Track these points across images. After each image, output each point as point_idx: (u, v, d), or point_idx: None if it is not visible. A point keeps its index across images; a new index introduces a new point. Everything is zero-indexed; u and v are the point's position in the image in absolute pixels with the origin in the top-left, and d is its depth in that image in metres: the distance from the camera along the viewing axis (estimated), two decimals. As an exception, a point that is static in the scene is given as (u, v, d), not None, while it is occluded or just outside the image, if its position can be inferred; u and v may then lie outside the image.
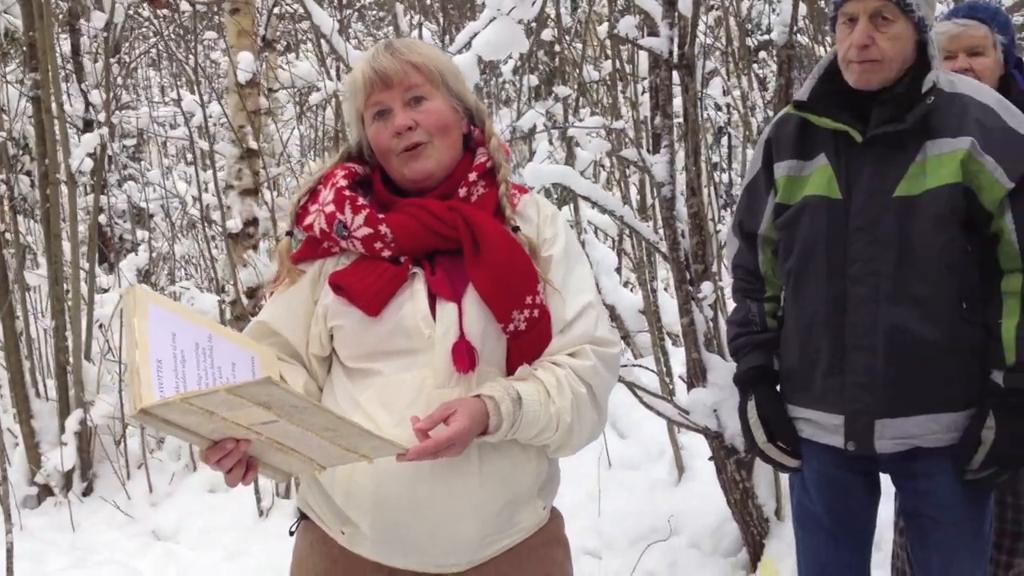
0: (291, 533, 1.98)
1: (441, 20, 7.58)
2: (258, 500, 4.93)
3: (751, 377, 2.51)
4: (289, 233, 1.93)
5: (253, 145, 5.83)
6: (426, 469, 1.72)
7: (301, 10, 5.36)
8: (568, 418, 1.77)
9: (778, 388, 2.51)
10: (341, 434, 1.58)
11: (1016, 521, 2.89)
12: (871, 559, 2.57)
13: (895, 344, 2.25)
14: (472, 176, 1.87)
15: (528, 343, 1.80)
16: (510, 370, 1.81)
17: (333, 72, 6.01)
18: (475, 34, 3.87)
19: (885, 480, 2.58)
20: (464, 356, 1.75)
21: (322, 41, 5.32)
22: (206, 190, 5.78)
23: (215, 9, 6.55)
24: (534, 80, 6.88)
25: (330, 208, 1.83)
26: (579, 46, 6.10)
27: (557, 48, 6.23)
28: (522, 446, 1.81)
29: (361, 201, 1.82)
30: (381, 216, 1.81)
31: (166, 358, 1.57)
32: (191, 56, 6.44)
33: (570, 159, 5.53)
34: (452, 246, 1.81)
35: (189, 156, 7.92)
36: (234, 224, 5.77)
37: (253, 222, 6.12)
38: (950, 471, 2.30)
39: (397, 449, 1.63)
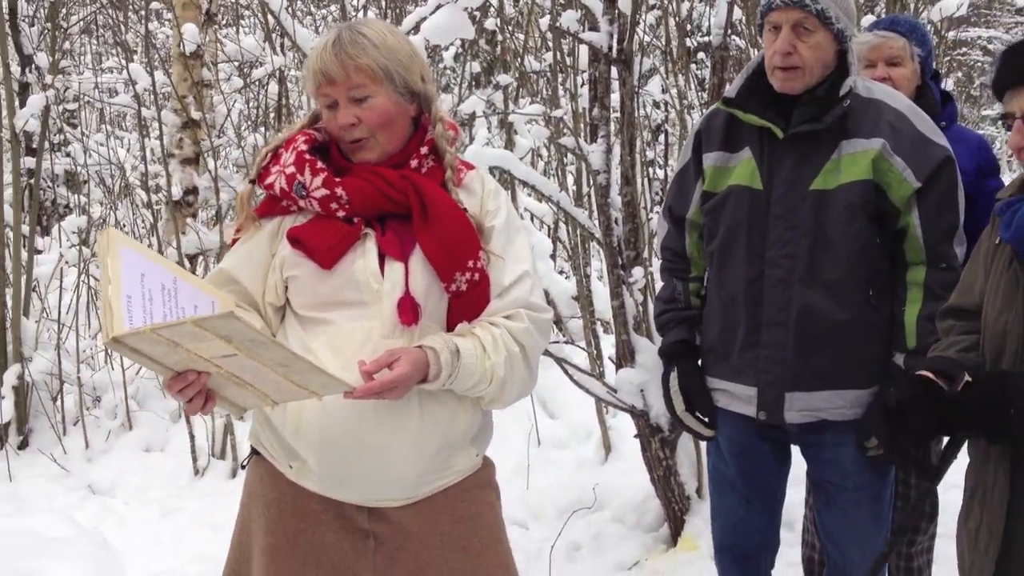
0: (243, 467, 2.13)
1: (383, 3, 7.64)
2: (194, 459, 5.01)
3: (674, 350, 2.69)
4: (252, 182, 2.06)
5: (195, 115, 5.85)
6: (370, 410, 1.88)
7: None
8: (501, 373, 1.95)
9: (699, 362, 2.69)
10: (294, 370, 1.72)
11: (919, 499, 3.07)
12: (780, 521, 2.77)
13: (806, 323, 2.44)
14: (424, 150, 2.02)
15: (468, 303, 1.97)
16: (450, 327, 1.98)
17: (279, 47, 6.06)
18: (422, 19, 3.99)
19: (797, 465, 2.77)
20: (408, 310, 1.92)
21: (268, 17, 5.39)
22: (147, 158, 5.80)
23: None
24: (476, 67, 7.01)
25: (291, 169, 1.97)
26: (521, 37, 6.23)
27: (499, 37, 6.35)
28: (459, 396, 1.98)
29: (320, 165, 1.96)
30: (338, 180, 1.96)
31: (135, 295, 1.71)
32: (132, 25, 6.42)
33: (509, 146, 5.67)
34: (402, 211, 1.97)
35: (125, 123, 7.87)
36: (175, 192, 5.81)
37: (193, 191, 6.16)
38: (853, 443, 2.50)
39: (344, 387, 1.78)
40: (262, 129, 6.47)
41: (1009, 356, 1.93)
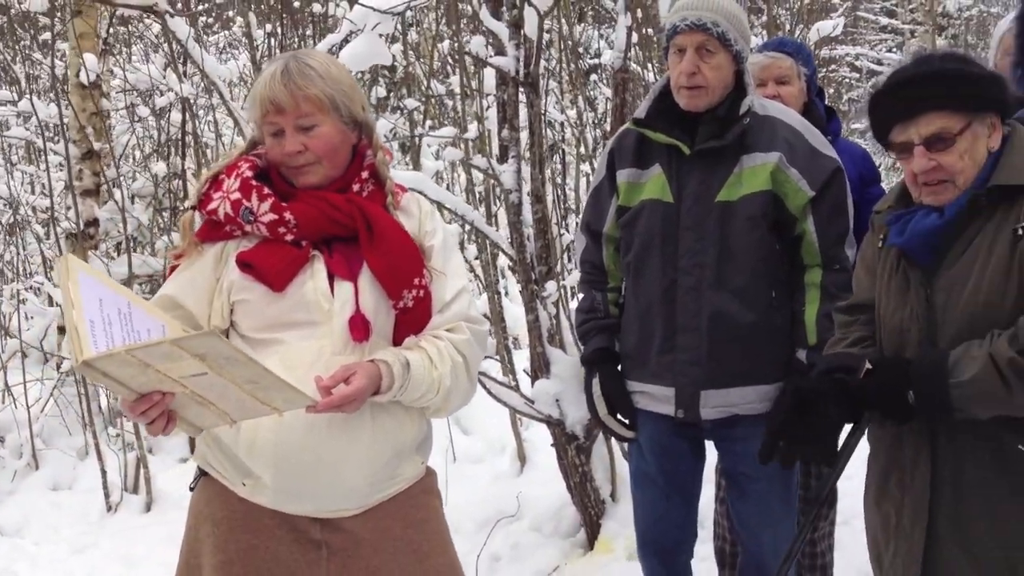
0: (191, 489, 2.17)
1: (279, 30, 7.67)
2: (106, 495, 4.94)
3: (596, 357, 2.84)
4: (193, 208, 2.11)
5: (96, 146, 5.79)
6: (323, 425, 1.97)
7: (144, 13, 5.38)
8: (448, 383, 2.07)
9: (619, 367, 2.85)
10: (262, 386, 1.79)
11: (819, 488, 3.28)
12: (697, 514, 2.94)
13: (716, 326, 2.62)
14: (364, 174, 2.12)
15: (413, 319, 2.08)
16: (396, 342, 2.09)
17: (183, 74, 6.04)
18: (334, 45, 4.08)
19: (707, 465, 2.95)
20: (360, 327, 2.01)
21: (173, 45, 5.38)
22: (52, 192, 5.71)
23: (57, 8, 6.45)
24: (381, 91, 7.10)
25: (236, 195, 2.03)
26: (424, 61, 6.36)
27: (403, 62, 6.47)
28: (406, 407, 2.08)
29: (267, 191, 2.04)
30: (284, 204, 2.04)
31: (96, 319, 1.75)
32: (23, 56, 6.31)
33: (416, 169, 5.78)
34: (347, 233, 2.06)
35: (11, 156, 7.68)
36: (68, 226, 5.73)
37: (93, 222, 6.08)
38: (763, 434, 2.68)
39: (308, 401, 1.86)
40: (170, 158, 6.42)
41: (912, 349, 2.13)
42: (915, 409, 2.06)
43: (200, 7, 7.18)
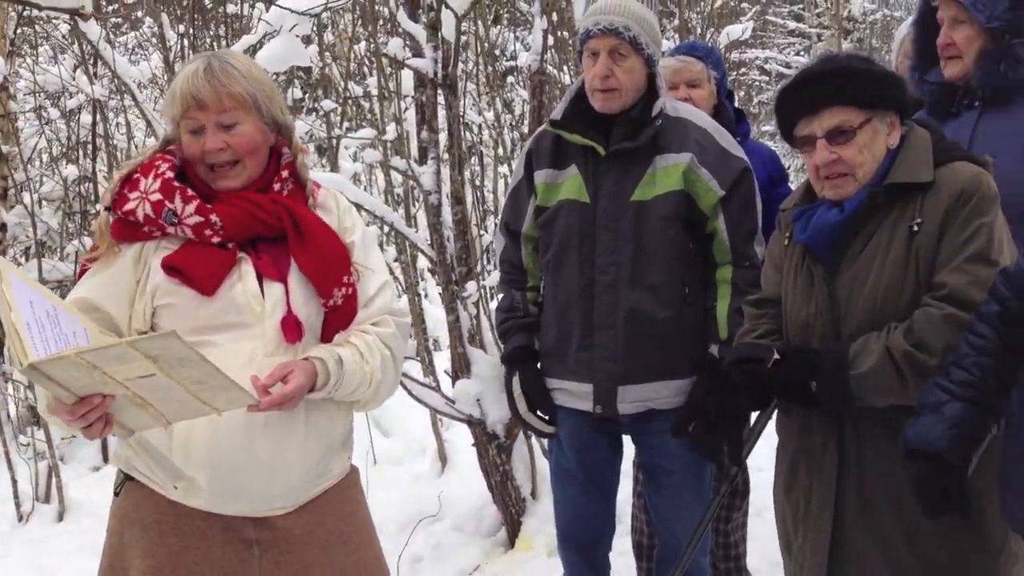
0: (116, 494, 2.13)
1: (191, 30, 7.57)
2: (17, 505, 4.81)
3: (516, 355, 2.89)
4: (107, 209, 2.06)
5: (4, 149, 5.64)
6: (259, 425, 1.97)
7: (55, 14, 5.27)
8: (378, 376, 2.10)
9: (539, 365, 2.89)
10: (208, 386, 1.78)
11: (722, 476, 3.37)
12: (616, 508, 3.00)
13: (632, 322, 2.68)
14: (285, 174, 2.13)
15: (342, 316, 2.10)
16: (325, 339, 2.09)
17: (87, 77, 5.92)
18: (250, 47, 4.06)
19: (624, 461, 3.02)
20: (293, 328, 2.02)
21: (84, 46, 5.28)
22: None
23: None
24: (297, 93, 7.06)
25: (156, 196, 2.00)
26: (342, 63, 6.33)
27: (319, 63, 6.44)
28: (336, 403, 2.09)
29: (190, 192, 2.02)
30: (210, 206, 2.02)
31: (31, 322, 1.72)
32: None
33: (334, 171, 5.76)
34: (273, 233, 2.06)
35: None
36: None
37: (1, 227, 5.92)
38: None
39: (251, 400, 1.86)
40: (80, 160, 6.28)
41: (816, 343, 2.22)
42: (818, 398, 2.16)
43: (111, 8, 7.02)
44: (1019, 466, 1.87)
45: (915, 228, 2.12)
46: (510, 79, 8.89)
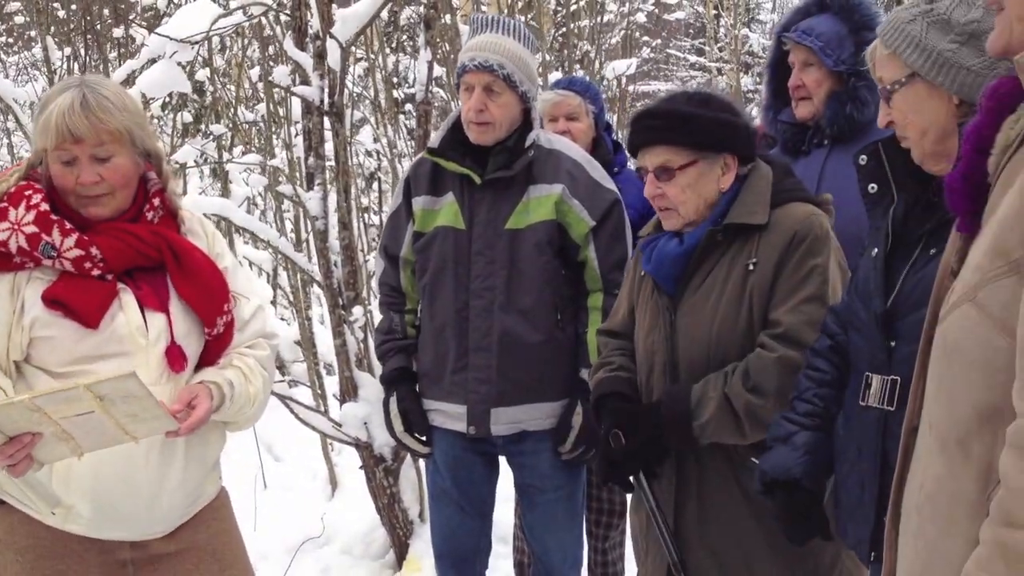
0: None
1: (82, 52, 7.47)
2: None
3: (394, 377, 2.95)
4: None
5: None
6: (141, 454, 2.01)
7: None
8: (262, 396, 2.18)
9: (416, 386, 2.96)
10: (139, 418, 1.83)
11: (610, 500, 3.46)
12: (492, 527, 3.08)
13: (505, 346, 2.77)
14: (156, 202, 2.15)
15: (222, 342, 2.16)
16: (202, 366, 2.15)
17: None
18: (133, 71, 4.06)
19: (509, 484, 3.09)
20: (177, 358, 2.07)
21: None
22: None
23: None
24: (187, 117, 7.01)
25: (31, 229, 1.98)
26: (232, 88, 6.33)
27: (210, 88, 6.42)
28: (211, 426, 2.13)
29: (68, 225, 2.01)
30: (87, 238, 2.02)
31: None
32: None
33: (225, 195, 5.75)
34: (152, 264, 2.09)
35: None
36: None
37: None
38: (550, 449, 2.86)
39: (172, 426, 1.93)
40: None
41: (658, 369, 2.34)
42: (668, 445, 2.28)
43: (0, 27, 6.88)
44: (847, 485, 1.98)
45: (751, 267, 2.23)
46: (408, 106, 8.96)
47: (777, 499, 2.06)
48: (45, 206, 2.01)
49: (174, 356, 2.06)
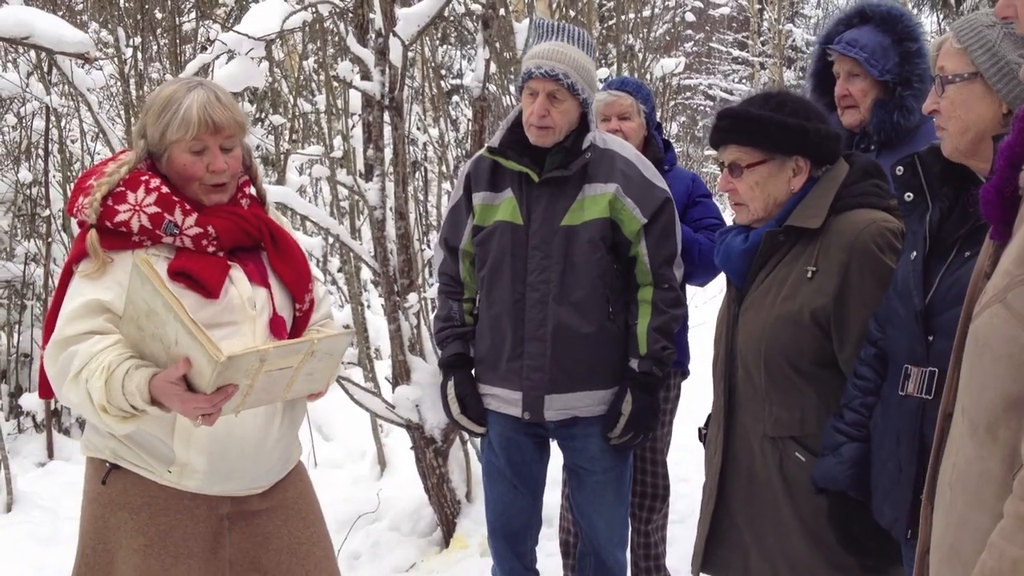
0: (103, 483, 2.28)
1: (148, 39, 7.67)
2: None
3: (451, 362, 3.11)
4: (93, 227, 2.18)
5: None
6: (250, 414, 2.19)
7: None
8: (337, 371, 2.37)
9: (472, 371, 3.12)
10: (313, 378, 2.10)
11: (654, 484, 3.61)
12: (542, 505, 3.25)
13: (559, 336, 2.91)
14: (249, 189, 2.37)
15: (307, 317, 2.38)
16: (291, 335, 2.35)
17: (44, 85, 6.02)
18: (205, 64, 4.24)
19: (557, 468, 3.25)
20: (280, 327, 2.29)
21: (40, 54, 5.39)
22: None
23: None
24: (247, 106, 7.21)
25: (153, 209, 2.17)
26: (292, 78, 6.51)
27: (268, 77, 6.61)
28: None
29: (188, 206, 2.21)
30: (204, 218, 2.23)
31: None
32: None
33: (281, 183, 5.94)
34: (252, 243, 2.31)
35: None
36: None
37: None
38: (599, 434, 3.00)
39: (322, 387, 2.22)
40: (31, 163, 6.35)
41: (721, 356, 2.51)
42: None
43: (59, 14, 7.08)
44: (886, 469, 2.10)
45: (809, 275, 2.32)
46: (455, 97, 9.11)
47: (828, 504, 2.22)
48: (165, 189, 2.20)
49: (277, 325, 2.27)
